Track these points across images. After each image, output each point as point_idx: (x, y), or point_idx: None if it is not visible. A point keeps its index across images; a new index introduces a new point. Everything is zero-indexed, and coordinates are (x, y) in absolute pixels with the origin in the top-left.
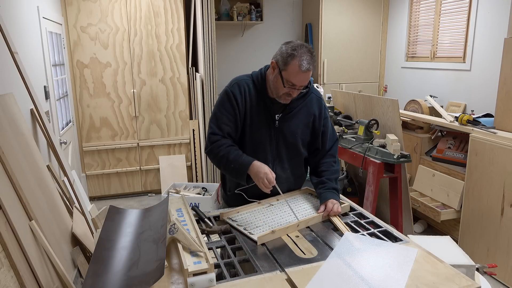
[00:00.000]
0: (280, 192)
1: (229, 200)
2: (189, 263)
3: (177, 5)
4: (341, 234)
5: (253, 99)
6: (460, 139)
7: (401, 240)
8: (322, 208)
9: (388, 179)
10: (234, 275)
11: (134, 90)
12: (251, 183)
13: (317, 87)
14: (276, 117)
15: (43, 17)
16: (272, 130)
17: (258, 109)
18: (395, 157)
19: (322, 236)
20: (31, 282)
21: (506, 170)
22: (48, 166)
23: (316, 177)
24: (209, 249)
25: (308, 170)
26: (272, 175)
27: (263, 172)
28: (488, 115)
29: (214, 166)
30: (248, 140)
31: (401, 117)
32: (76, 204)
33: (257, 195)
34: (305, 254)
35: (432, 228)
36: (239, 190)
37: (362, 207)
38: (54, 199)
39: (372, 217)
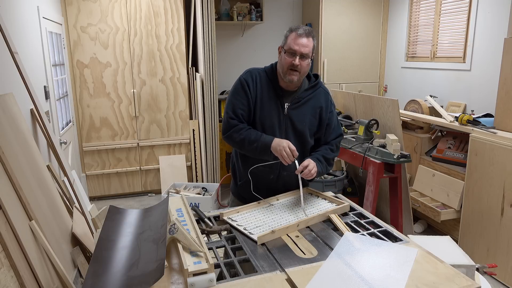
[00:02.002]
0: (298, 165)
1: (239, 190)
2: (189, 263)
3: (177, 5)
4: (341, 234)
5: (264, 85)
6: (460, 139)
7: (401, 240)
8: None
9: (388, 179)
10: (234, 275)
11: (134, 90)
12: (276, 159)
13: None
14: (286, 105)
15: (43, 17)
16: (281, 116)
17: (269, 95)
18: (395, 157)
19: (322, 236)
20: (31, 282)
21: (506, 170)
22: (48, 166)
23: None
24: (209, 249)
25: None
26: (293, 147)
27: (286, 142)
28: (488, 115)
29: (214, 166)
30: (258, 122)
31: (401, 117)
32: (76, 204)
33: (263, 185)
34: (305, 254)
35: (432, 228)
36: (250, 175)
37: (362, 207)
38: (54, 199)
39: (372, 217)
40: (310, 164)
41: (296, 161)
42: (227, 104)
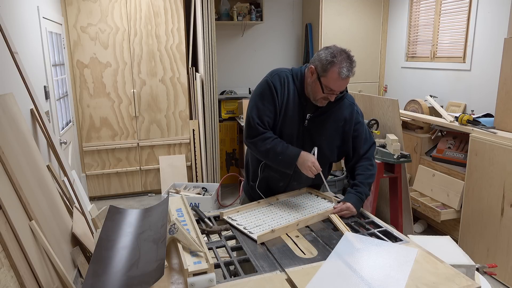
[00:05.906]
0: (324, 179)
1: (251, 190)
2: (189, 263)
3: (177, 5)
4: (341, 234)
5: (290, 93)
6: (460, 139)
7: (401, 240)
8: (339, 205)
9: (388, 179)
10: (234, 275)
11: (134, 90)
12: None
13: None
14: (307, 116)
15: (43, 17)
16: (300, 128)
17: (293, 104)
18: (395, 157)
19: (322, 236)
20: (31, 282)
21: (506, 170)
22: (48, 166)
23: (352, 179)
24: (209, 249)
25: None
26: (317, 164)
27: (311, 161)
28: (488, 115)
29: (214, 166)
30: (277, 131)
31: (401, 117)
32: (76, 204)
33: (271, 191)
34: (305, 254)
35: (432, 228)
36: (257, 187)
37: (362, 207)
38: (54, 199)
39: (372, 217)
40: (346, 212)
41: (321, 173)
42: (252, 107)
